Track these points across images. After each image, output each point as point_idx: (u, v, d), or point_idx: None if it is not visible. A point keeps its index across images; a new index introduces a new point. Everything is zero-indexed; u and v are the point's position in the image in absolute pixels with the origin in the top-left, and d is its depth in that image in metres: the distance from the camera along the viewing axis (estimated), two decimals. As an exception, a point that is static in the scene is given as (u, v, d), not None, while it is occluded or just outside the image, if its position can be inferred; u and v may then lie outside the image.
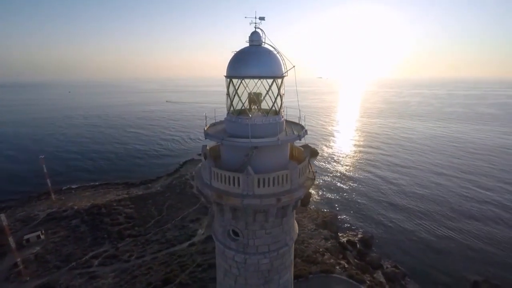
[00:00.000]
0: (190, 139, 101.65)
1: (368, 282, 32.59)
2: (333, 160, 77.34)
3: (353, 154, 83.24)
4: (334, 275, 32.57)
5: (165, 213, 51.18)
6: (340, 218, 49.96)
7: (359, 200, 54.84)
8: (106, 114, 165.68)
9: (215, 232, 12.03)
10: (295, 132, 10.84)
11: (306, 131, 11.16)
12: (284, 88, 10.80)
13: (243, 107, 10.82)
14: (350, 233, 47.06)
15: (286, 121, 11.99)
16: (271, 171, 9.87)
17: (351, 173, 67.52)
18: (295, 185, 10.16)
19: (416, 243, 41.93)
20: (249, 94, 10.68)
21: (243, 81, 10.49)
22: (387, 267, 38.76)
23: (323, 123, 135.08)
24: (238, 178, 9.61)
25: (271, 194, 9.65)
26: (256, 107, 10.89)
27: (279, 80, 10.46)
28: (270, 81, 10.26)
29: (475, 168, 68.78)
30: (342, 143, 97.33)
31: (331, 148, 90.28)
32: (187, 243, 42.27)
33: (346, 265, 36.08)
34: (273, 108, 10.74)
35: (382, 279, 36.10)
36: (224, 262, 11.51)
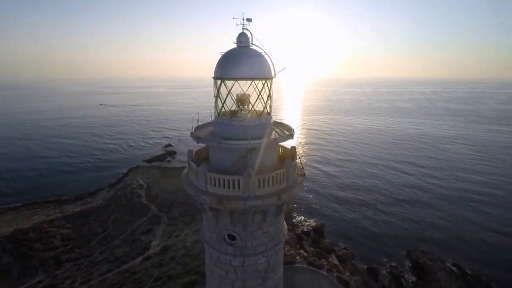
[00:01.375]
0: (131, 146, 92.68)
1: (326, 266, 35.21)
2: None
3: (298, 151, 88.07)
4: (296, 265, 34.26)
5: (111, 229, 46.46)
6: (293, 213, 52.53)
7: (307, 195, 58.16)
8: (23, 122, 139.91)
9: (207, 240, 11.59)
10: (286, 132, 11.21)
11: (294, 130, 11.62)
12: (272, 89, 11.06)
13: (236, 109, 10.75)
14: (304, 224, 49.90)
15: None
16: (265, 171, 10.03)
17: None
18: (290, 182, 10.54)
19: (358, 227, 46.69)
20: (238, 95, 10.65)
21: (228, 82, 10.42)
22: (338, 250, 42.43)
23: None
24: (238, 180, 9.50)
25: (272, 194, 9.82)
26: (244, 108, 10.90)
27: (269, 81, 10.67)
28: (260, 82, 10.40)
29: (399, 156, 79.83)
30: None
31: None
32: (140, 258, 39.16)
33: (305, 254, 38.27)
34: (265, 109, 10.89)
35: (336, 262, 39.38)
36: (219, 269, 11.20)
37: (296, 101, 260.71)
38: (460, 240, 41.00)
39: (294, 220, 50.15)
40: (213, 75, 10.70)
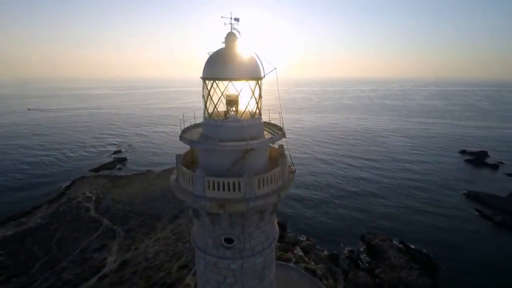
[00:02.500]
0: (70, 156, 79.47)
1: (293, 259, 36.62)
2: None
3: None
4: None
5: (55, 250, 41.10)
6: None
7: None
8: None
9: (201, 247, 11.12)
10: (277, 131, 11.40)
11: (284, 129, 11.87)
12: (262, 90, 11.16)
13: (225, 110, 10.52)
14: None
15: None
16: (258, 171, 10.09)
17: None
18: (285, 179, 10.78)
19: (316, 219, 49.38)
20: (227, 96, 10.48)
21: (220, 82, 10.20)
22: (301, 242, 44.46)
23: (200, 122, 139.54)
24: (239, 182, 9.38)
25: (271, 192, 9.93)
26: (234, 109, 10.77)
27: (260, 82, 10.73)
28: (251, 82, 10.39)
29: (347, 151, 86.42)
30: None
31: None
32: (95, 278, 35.49)
33: (271, 250, 39.32)
34: (256, 109, 10.91)
35: (301, 253, 41.15)
36: (216, 275, 10.89)
37: None
38: (402, 221, 46.42)
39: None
40: (201, 75, 10.34)
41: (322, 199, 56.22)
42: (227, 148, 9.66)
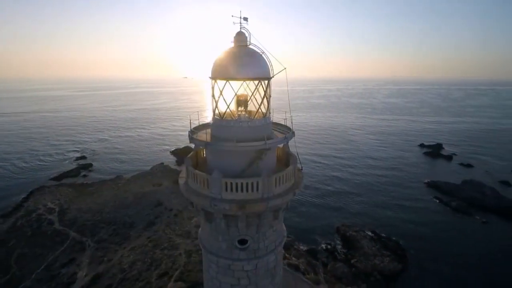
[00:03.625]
0: (22, 166, 69.78)
1: None
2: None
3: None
4: None
5: (16, 269, 37.06)
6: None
7: None
8: None
9: (214, 251, 10.87)
10: (287, 131, 11.59)
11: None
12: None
13: (234, 110, 10.40)
14: None
15: None
16: (271, 170, 10.20)
17: None
18: (296, 177, 11.00)
19: (293, 217, 50.27)
20: (238, 96, 10.39)
21: (229, 82, 10.10)
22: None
23: (196, 123, 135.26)
24: (257, 182, 9.37)
25: (288, 190, 10.07)
26: (242, 109, 10.72)
27: (269, 82, 10.79)
28: (262, 82, 10.41)
29: (318, 149, 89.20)
30: None
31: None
32: (65, 295, 32.80)
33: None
34: (267, 109, 10.96)
35: (282, 250, 42.25)
36: (229, 278, 10.74)
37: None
38: (372, 212, 49.48)
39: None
40: (210, 75, 10.12)
41: (295, 199, 57.57)
42: (246, 149, 9.60)
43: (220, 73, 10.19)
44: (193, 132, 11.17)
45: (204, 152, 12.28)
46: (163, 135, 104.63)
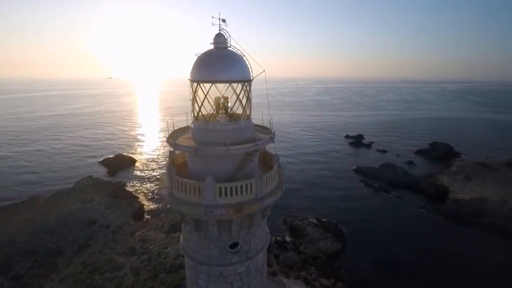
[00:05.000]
0: None
1: None
2: (146, 167, 73.53)
3: (161, 156, 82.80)
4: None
5: None
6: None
7: None
8: None
9: (204, 260, 10.37)
10: (266, 131, 11.80)
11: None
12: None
13: (213, 112, 10.06)
14: None
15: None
16: (255, 171, 10.32)
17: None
18: (280, 175, 11.37)
19: None
20: (217, 98, 10.13)
21: (209, 85, 9.79)
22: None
23: (126, 128, 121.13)
24: (251, 184, 9.35)
25: (276, 188, 10.34)
26: (223, 111, 10.50)
27: (250, 84, 10.81)
28: (242, 85, 10.36)
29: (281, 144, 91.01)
30: (150, 146, 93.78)
31: (140, 154, 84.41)
32: None
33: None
34: (247, 112, 10.95)
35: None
36: (222, 284, 10.46)
37: (154, 102, 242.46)
38: (312, 200, 53.89)
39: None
40: (189, 77, 9.60)
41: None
42: (238, 152, 9.48)
43: (198, 75, 9.81)
44: (172, 137, 10.42)
45: (185, 158, 11.61)
46: (86, 145, 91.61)
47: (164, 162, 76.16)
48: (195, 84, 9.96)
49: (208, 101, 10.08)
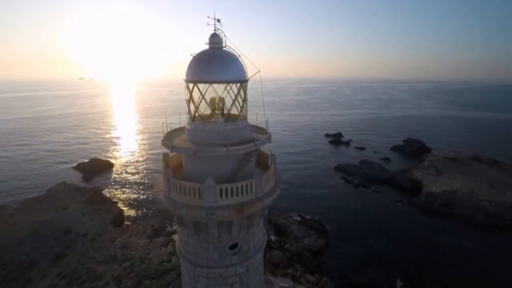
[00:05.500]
0: None
1: None
2: (124, 171, 70.61)
3: (140, 159, 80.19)
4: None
5: None
6: (164, 221, 49.12)
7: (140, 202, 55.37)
8: None
9: (203, 263, 10.21)
10: (260, 131, 11.83)
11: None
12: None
13: (210, 113, 9.95)
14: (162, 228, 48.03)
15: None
16: (253, 170, 10.34)
17: (146, 179, 64.96)
18: (276, 174, 11.44)
19: None
20: (213, 99, 10.01)
21: (206, 85, 9.67)
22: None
23: (101, 131, 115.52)
24: (251, 183, 9.34)
25: (275, 188, 10.40)
26: (219, 112, 10.40)
27: (246, 84, 10.77)
28: (239, 85, 10.31)
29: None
30: (127, 149, 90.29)
31: (117, 157, 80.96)
32: None
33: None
34: (242, 112, 10.91)
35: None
36: (223, 286, 10.35)
37: (131, 103, 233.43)
38: (296, 198, 54.64)
39: (168, 226, 47.01)
40: (185, 78, 9.41)
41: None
42: (238, 152, 9.43)
43: (194, 76, 9.66)
44: (167, 139, 10.16)
45: (179, 160, 11.35)
46: (57, 150, 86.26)
47: (143, 165, 73.74)
48: (191, 84, 9.79)
49: (206, 102, 9.95)
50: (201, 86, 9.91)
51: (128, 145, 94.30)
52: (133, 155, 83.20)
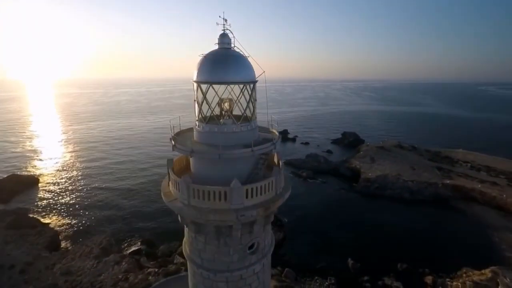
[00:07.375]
0: None
1: (174, 269, 34.97)
2: (53, 186, 60.76)
3: (71, 171, 70.03)
4: (153, 285, 31.36)
5: None
6: (112, 236, 44.57)
7: (108, 213, 50.23)
8: None
9: (223, 268, 9.94)
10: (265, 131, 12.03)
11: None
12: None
13: (218, 114, 9.75)
14: (129, 241, 44.63)
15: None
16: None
17: (82, 193, 57.88)
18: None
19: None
20: (223, 99, 9.80)
21: (216, 86, 9.45)
22: (176, 250, 42.58)
23: (19, 142, 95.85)
24: (273, 181, 9.54)
25: (288, 185, 10.78)
26: (227, 113, 10.21)
27: (255, 84, 10.73)
28: (248, 85, 10.26)
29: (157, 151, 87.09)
30: (54, 160, 77.81)
31: (42, 171, 68.86)
32: None
33: (156, 270, 35.65)
34: (253, 113, 10.90)
35: (179, 260, 39.66)
36: (243, 287, 10.22)
37: (57, 107, 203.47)
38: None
39: (116, 243, 42.69)
40: (194, 79, 9.01)
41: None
42: (258, 152, 9.49)
43: (204, 76, 9.37)
44: (176, 140, 9.59)
45: (182, 165, 10.74)
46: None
47: (76, 178, 64.83)
48: (206, 85, 9.44)
49: (218, 103, 9.78)
50: (205, 86, 9.68)
51: (55, 156, 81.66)
52: (63, 166, 72.57)
